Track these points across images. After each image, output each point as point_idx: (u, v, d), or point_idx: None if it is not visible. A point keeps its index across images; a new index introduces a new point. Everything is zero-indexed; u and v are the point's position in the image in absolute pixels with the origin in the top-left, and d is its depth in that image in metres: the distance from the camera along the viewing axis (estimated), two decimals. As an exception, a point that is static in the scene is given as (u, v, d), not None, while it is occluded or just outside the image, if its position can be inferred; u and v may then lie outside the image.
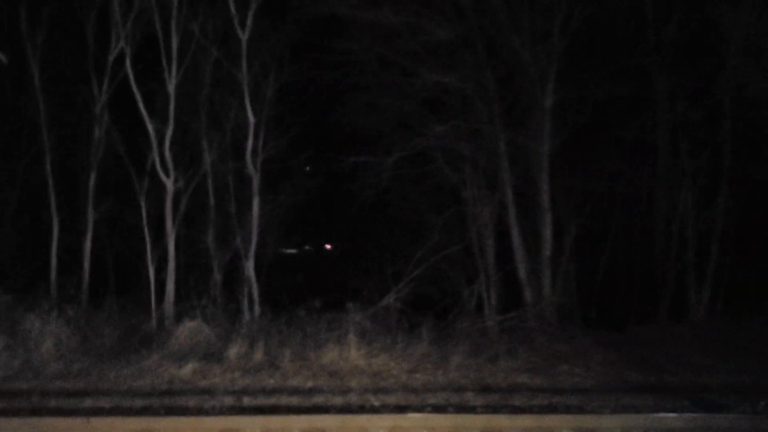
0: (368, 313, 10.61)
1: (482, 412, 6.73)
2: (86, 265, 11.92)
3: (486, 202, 11.93)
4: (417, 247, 11.76)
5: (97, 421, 6.29)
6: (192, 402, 7.36)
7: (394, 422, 6.25)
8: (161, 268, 11.22)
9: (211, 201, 12.65)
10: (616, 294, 12.10)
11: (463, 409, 7.05)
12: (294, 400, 7.45)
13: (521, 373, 8.69)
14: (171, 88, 11.23)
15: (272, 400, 7.48)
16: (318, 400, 7.47)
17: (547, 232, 11.45)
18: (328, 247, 14.21)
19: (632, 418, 6.16)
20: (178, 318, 10.37)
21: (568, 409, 6.90)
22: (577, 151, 11.74)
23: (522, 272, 11.63)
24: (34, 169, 12.67)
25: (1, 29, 10.88)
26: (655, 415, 6.30)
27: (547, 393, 7.64)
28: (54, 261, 11.88)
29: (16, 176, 13.64)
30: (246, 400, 7.46)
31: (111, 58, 11.61)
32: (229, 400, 7.49)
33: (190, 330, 9.58)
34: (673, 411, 6.49)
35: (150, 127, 11.12)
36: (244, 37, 11.28)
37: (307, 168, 14.43)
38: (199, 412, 7.01)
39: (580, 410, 6.80)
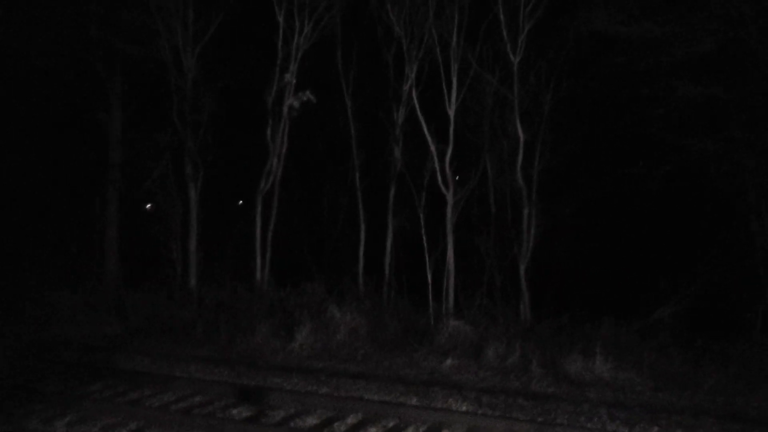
0: (632, 327, 10.76)
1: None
2: (386, 266, 14.01)
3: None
4: (694, 260, 11.44)
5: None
6: (440, 395, 8.59)
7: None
8: (440, 271, 12.70)
9: (492, 209, 13.89)
10: None
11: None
12: (527, 404, 8.20)
13: (780, 404, 8.16)
14: (451, 112, 12.63)
15: (509, 401, 8.32)
16: (549, 406, 8.11)
17: None
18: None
19: None
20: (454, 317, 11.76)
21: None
22: None
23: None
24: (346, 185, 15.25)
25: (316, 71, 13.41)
26: None
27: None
28: (361, 261, 14.21)
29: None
30: (484, 399, 8.43)
31: (405, 88, 13.49)
32: (471, 395, 8.55)
33: (453, 328, 10.86)
34: None
35: (432, 147, 12.67)
36: (515, 60, 12.21)
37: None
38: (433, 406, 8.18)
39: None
